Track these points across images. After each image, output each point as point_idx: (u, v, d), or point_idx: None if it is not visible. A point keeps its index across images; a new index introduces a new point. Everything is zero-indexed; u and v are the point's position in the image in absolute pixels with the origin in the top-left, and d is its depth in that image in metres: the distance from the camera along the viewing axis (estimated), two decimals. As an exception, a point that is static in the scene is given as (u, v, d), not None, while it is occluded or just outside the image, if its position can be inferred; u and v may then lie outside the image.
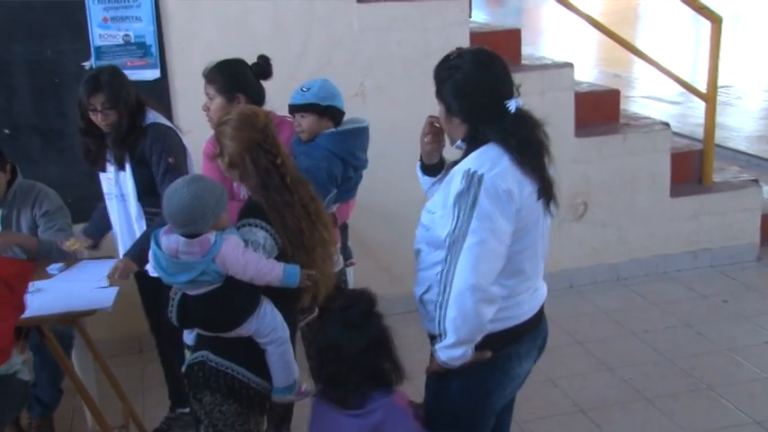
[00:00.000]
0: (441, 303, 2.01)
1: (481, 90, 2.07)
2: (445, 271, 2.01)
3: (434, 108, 2.21)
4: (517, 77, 2.13)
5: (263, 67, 2.94)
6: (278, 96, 2.91)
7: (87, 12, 3.73)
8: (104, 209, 3.17)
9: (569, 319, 4.27)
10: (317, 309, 2.66)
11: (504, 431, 2.43)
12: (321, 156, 2.80)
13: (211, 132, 2.51)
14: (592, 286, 4.72)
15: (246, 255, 2.12)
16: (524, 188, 2.03)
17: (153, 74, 3.82)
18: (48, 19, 3.70)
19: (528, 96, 2.15)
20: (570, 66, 4.59)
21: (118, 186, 3.04)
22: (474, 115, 2.08)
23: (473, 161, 2.03)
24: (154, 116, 3.04)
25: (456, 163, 2.13)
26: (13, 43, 3.69)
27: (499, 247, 1.99)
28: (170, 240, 2.14)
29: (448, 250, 2.00)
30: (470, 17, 4.58)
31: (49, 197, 3.25)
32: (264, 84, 2.95)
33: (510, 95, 2.08)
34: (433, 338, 2.10)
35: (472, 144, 2.08)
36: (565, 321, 4.20)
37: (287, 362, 2.27)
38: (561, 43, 12.85)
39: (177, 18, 3.87)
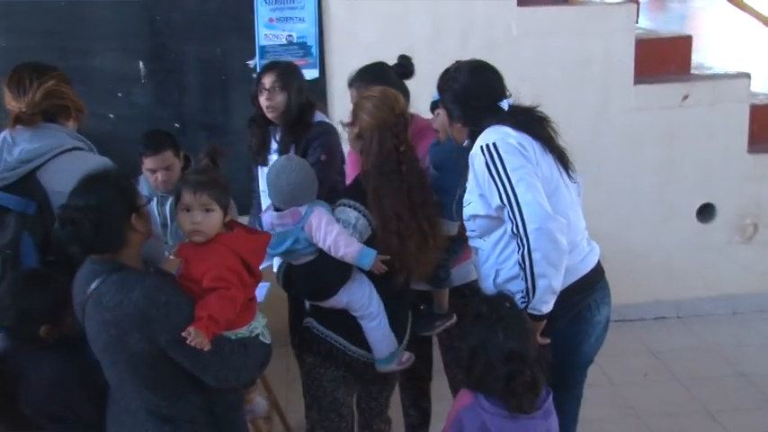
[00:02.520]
0: (523, 256, 2.16)
1: (476, 96, 2.37)
2: (515, 227, 2.18)
3: (593, 116, 2.14)
4: (684, 87, 2.03)
5: (406, 68, 2.91)
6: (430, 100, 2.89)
7: (255, 13, 3.90)
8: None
9: (732, 348, 3.97)
10: (454, 315, 2.69)
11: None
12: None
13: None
14: (758, 314, 4.36)
15: (329, 226, 2.25)
16: (534, 145, 2.27)
17: (312, 73, 3.92)
18: (219, 20, 3.90)
19: (696, 108, 2.03)
20: (746, 76, 4.25)
21: None
22: (473, 117, 2.36)
23: (481, 139, 2.28)
24: (322, 117, 3.14)
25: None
26: (187, 43, 3.92)
27: (541, 187, 2.20)
28: (266, 217, 2.35)
29: (509, 210, 2.18)
30: (637, 23, 4.36)
31: None
32: (417, 87, 2.93)
33: (503, 97, 2.38)
34: None
35: (473, 138, 2.33)
36: (727, 350, 3.91)
37: (383, 335, 2.41)
38: (734, 50, 12.00)
39: (338, 19, 3.96)
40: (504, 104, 2.35)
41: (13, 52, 3.68)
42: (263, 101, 3.03)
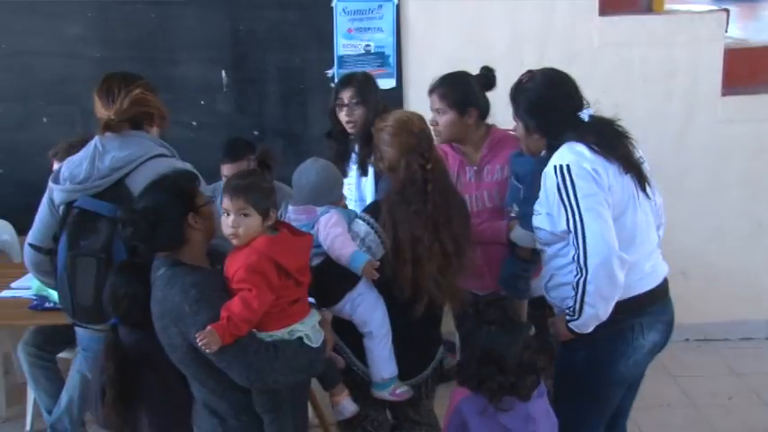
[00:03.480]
0: (578, 282, 2.18)
1: (554, 106, 2.31)
2: (577, 254, 2.18)
3: (677, 128, 2.08)
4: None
5: (490, 79, 2.88)
6: (509, 110, 2.86)
7: (334, 23, 3.95)
8: None
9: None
10: (532, 327, 2.53)
11: (624, 413, 2.51)
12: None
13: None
14: None
15: (334, 227, 2.26)
16: (608, 168, 2.21)
17: (389, 83, 3.94)
18: (298, 30, 3.97)
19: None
20: None
21: (358, 191, 3.14)
22: (551, 129, 2.30)
23: (556, 158, 2.23)
24: None
25: None
26: (268, 52, 4.00)
27: (610, 216, 2.17)
28: (284, 213, 2.38)
29: (574, 237, 2.18)
30: (726, 32, 4.21)
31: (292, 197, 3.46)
32: (495, 97, 2.90)
33: (581, 107, 2.30)
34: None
35: (553, 150, 2.28)
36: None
37: (380, 358, 2.36)
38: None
39: (416, 30, 3.97)
40: (584, 115, 2.29)
41: (106, 62, 3.84)
42: (342, 116, 3.05)
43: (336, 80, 3.21)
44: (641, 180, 2.28)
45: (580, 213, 2.16)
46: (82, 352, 2.46)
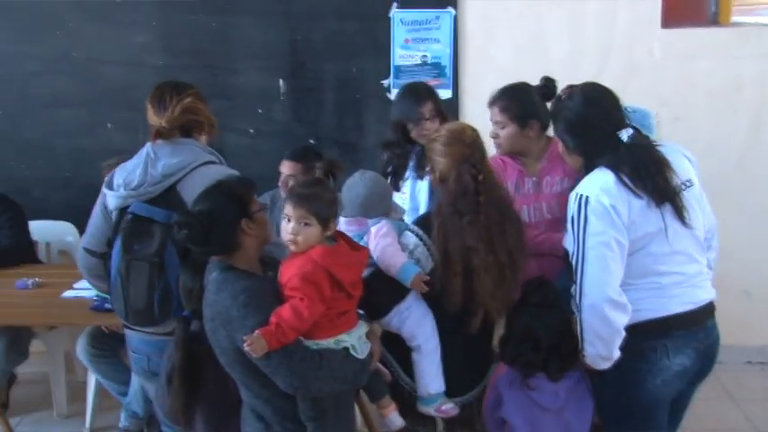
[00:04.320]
0: (578, 319, 2.20)
1: (591, 126, 2.25)
2: (575, 290, 2.19)
3: (742, 143, 2.01)
4: None
5: (551, 89, 2.80)
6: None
7: (392, 33, 3.96)
8: None
9: None
10: None
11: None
12: None
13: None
14: None
15: (384, 237, 2.24)
16: (633, 203, 2.16)
17: (445, 93, 3.93)
18: (356, 40, 4.00)
19: None
20: None
21: (412, 200, 3.13)
22: (588, 148, 2.26)
23: (583, 186, 2.21)
24: None
25: None
26: (325, 62, 4.04)
27: (616, 257, 2.14)
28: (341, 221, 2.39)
29: (575, 269, 2.19)
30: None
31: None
32: (553, 109, 2.87)
33: (621, 126, 2.23)
34: None
35: (588, 172, 2.25)
36: None
37: (426, 372, 2.34)
38: None
39: (474, 40, 3.96)
40: (624, 135, 2.22)
41: (169, 69, 3.94)
42: (423, 130, 3.03)
43: (402, 93, 3.17)
44: (678, 210, 2.20)
45: (584, 250, 2.16)
46: (132, 354, 2.51)
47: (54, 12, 4.01)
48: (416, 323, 2.33)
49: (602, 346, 2.19)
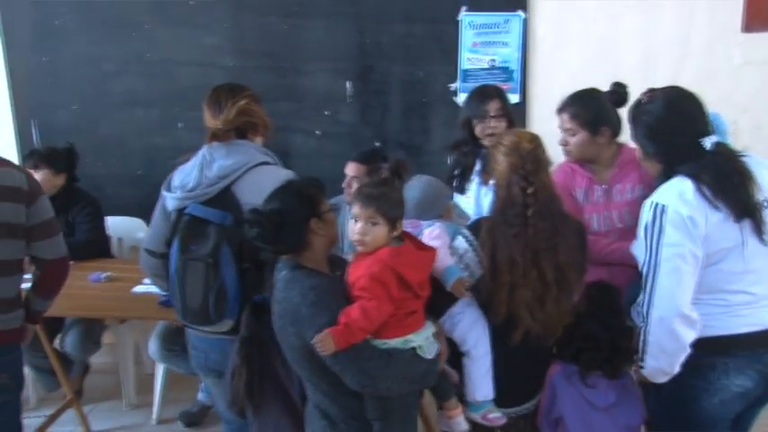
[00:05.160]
0: (642, 331, 2.14)
1: (673, 132, 2.17)
2: (643, 300, 2.12)
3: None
4: None
5: (621, 95, 2.74)
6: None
7: (460, 37, 3.94)
8: None
9: None
10: None
11: None
12: None
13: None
14: None
15: (434, 241, 2.21)
16: (711, 216, 2.08)
17: (513, 98, 3.88)
18: (424, 43, 3.99)
19: None
20: None
21: (477, 205, 3.11)
22: (668, 155, 2.18)
23: (660, 194, 2.14)
24: None
25: None
26: (393, 65, 4.05)
27: (690, 271, 2.08)
28: None
29: (645, 280, 2.12)
30: None
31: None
32: (626, 116, 2.80)
33: (705, 133, 2.14)
34: None
35: (666, 179, 2.17)
36: None
37: (475, 378, 2.31)
38: None
39: (543, 45, 3.90)
40: (707, 142, 2.14)
41: (239, 71, 4.02)
42: (486, 128, 3.02)
43: (471, 93, 3.16)
44: (758, 227, 2.11)
45: (657, 261, 2.09)
46: (192, 351, 2.56)
47: (131, 14, 4.14)
48: (467, 328, 2.30)
49: (665, 360, 2.13)
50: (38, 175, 3.64)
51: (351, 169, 3.19)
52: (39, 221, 2.50)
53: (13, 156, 4.26)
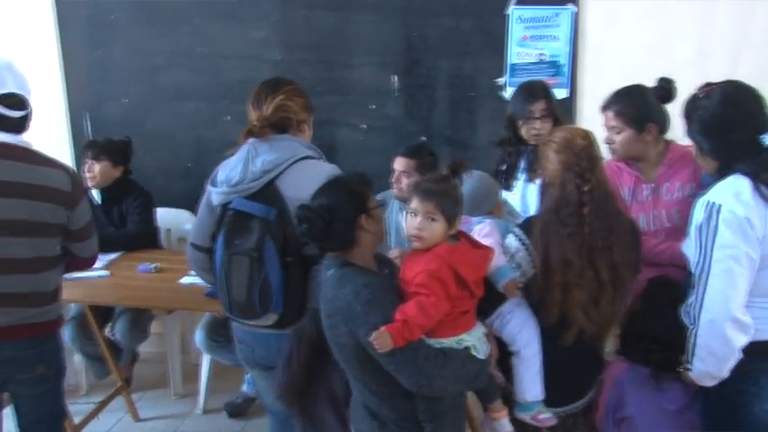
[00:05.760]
0: (690, 333, 2.09)
1: (730, 128, 2.09)
2: (694, 302, 2.06)
3: None
4: None
5: (666, 91, 2.69)
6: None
7: (508, 30, 3.89)
8: None
9: None
10: None
11: None
12: None
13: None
14: None
15: (485, 239, 2.18)
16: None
17: (562, 93, 3.83)
18: (471, 37, 3.95)
19: None
20: None
21: (523, 202, 3.08)
22: (725, 152, 2.10)
23: (714, 193, 2.06)
24: None
25: None
26: (440, 59, 4.01)
27: (744, 273, 2.01)
28: None
29: (696, 281, 2.05)
30: None
31: None
32: (679, 112, 2.73)
33: (764, 130, 2.06)
34: None
35: (722, 177, 2.09)
36: None
37: (524, 378, 2.29)
38: None
39: (595, 39, 3.83)
40: (766, 140, 2.06)
41: (286, 64, 4.04)
42: (531, 129, 3.00)
43: (518, 90, 3.13)
44: None
45: (710, 262, 2.02)
46: (238, 344, 2.58)
47: (180, 8, 4.19)
48: (517, 328, 2.28)
49: (714, 364, 2.07)
50: (98, 167, 3.74)
51: (399, 164, 3.18)
52: (79, 227, 2.57)
53: (65, 147, 4.37)
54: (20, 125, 2.49)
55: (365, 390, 2.08)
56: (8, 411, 2.62)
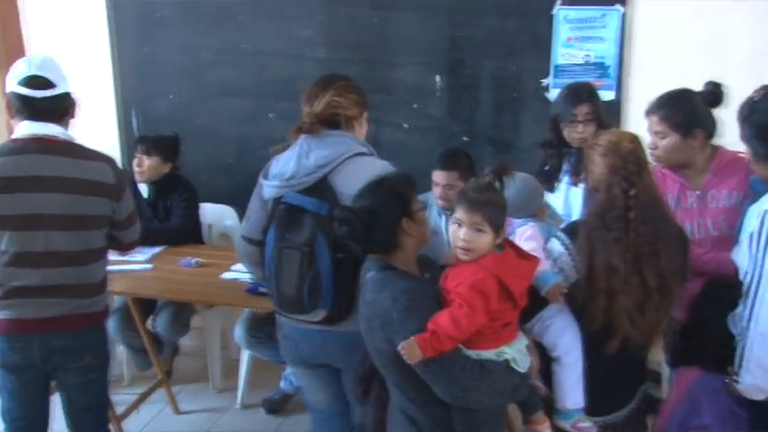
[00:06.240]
0: (740, 345, 2.04)
1: None
2: (743, 312, 2.02)
3: None
4: None
5: (714, 95, 2.63)
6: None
7: (554, 31, 3.84)
8: None
9: None
10: None
11: None
12: None
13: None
14: None
15: (527, 241, 2.15)
16: None
17: (608, 95, 3.76)
18: (516, 37, 3.91)
19: None
20: None
21: (566, 206, 3.05)
22: None
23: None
24: None
25: None
26: (484, 59, 3.98)
27: None
28: None
29: (746, 291, 2.01)
30: None
31: None
32: (731, 116, 2.65)
33: None
34: None
35: None
36: None
37: (565, 385, 2.25)
38: None
39: (643, 40, 3.75)
40: None
41: (330, 63, 4.04)
42: (574, 132, 2.96)
43: (563, 91, 3.09)
44: None
45: (762, 272, 1.98)
46: (282, 339, 2.59)
47: (228, 6, 4.23)
48: (558, 333, 2.25)
49: (764, 378, 2.03)
50: (148, 162, 3.81)
51: (440, 178, 3.13)
52: (124, 216, 2.62)
53: (114, 142, 4.45)
54: (49, 109, 2.47)
55: (403, 396, 2.06)
56: (56, 398, 2.69)
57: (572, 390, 2.26)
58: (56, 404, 2.70)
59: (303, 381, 2.65)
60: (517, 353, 2.02)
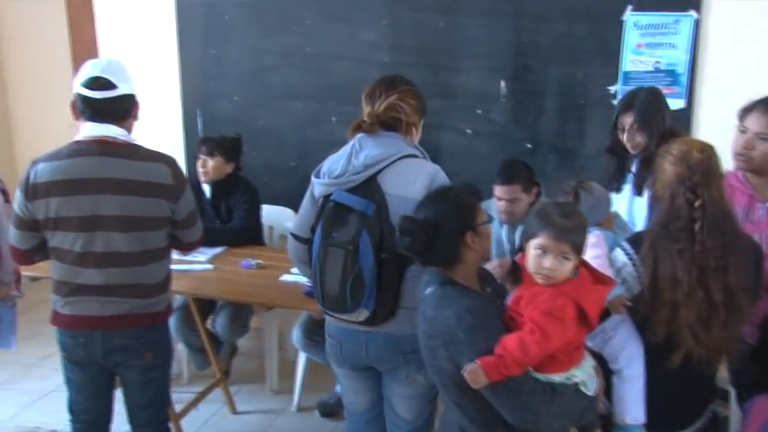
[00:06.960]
0: None
1: None
2: None
3: None
4: None
5: None
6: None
7: (624, 37, 3.75)
8: None
9: None
10: None
11: None
12: None
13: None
14: None
15: (591, 249, 2.07)
16: None
17: (678, 103, 3.65)
18: (584, 43, 3.83)
19: None
20: None
21: (629, 213, 2.98)
22: None
23: None
24: None
25: None
26: (550, 65, 3.91)
27: None
28: None
29: None
30: None
31: None
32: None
33: None
34: None
35: None
36: None
37: (624, 400, 2.19)
38: None
39: (716, 48, 3.63)
40: None
41: (393, 67, 4.01)
42: (624, 138, 2.92)
43: (620, 97, 3.03)
44: None
45: None
46: (327, 338, 2.58)
47: (292, 9, 4.26)
48: (620, 345, 2.19)
49: None
50: (211, 162, 3.87)
51: (503, 193, 3.11)
52: (184, 216, 2.63)
53: (178, 142, 4.54)
54: (109, 110, 2.49)
55: (464, 415, 2.00)
56: (118, 394, 2.74)
57: (632, 404, 2.20)
58: (119, 400, 2.75)
59: (345, 381, 2.65)
60: (586, 375, 1.96)
